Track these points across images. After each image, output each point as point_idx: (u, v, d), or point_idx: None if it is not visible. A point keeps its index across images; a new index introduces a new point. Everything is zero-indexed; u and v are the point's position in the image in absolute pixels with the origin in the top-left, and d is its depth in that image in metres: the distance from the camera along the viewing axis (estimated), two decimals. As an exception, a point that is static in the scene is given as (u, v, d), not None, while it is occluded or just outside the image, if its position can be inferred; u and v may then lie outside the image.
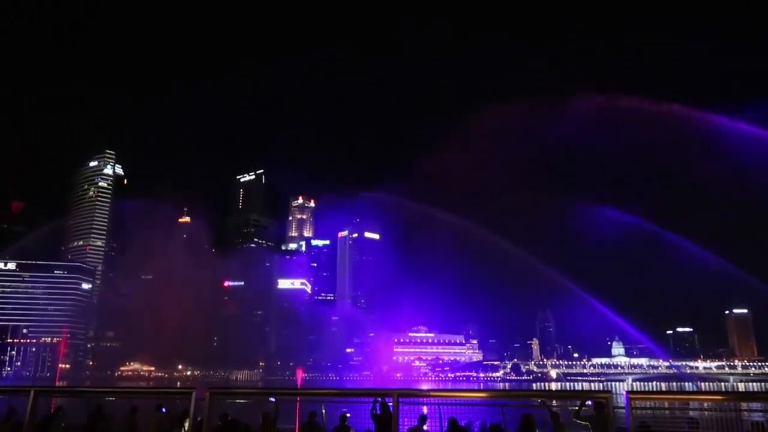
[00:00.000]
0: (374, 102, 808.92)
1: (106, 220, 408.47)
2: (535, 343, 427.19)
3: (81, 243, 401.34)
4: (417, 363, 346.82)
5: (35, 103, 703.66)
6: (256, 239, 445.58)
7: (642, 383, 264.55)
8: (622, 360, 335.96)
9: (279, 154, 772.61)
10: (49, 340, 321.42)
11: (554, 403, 16.14)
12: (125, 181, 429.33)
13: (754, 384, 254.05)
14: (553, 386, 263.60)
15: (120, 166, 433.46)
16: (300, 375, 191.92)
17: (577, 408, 14.52)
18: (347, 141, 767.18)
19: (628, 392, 9.63)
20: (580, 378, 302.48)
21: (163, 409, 18.71)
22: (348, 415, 17.19)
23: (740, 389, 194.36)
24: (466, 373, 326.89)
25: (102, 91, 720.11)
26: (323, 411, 18.00)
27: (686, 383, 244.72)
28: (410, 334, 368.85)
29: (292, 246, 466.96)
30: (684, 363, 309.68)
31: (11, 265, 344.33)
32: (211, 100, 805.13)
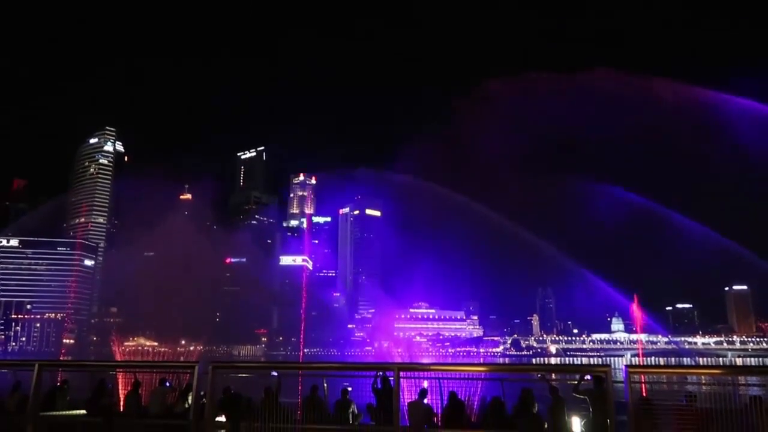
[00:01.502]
0: (377, 77, 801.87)
1: (107, 197, 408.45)
2: (535, 319, 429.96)
3: (83, 220, 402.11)
4: (418, 338, 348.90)
5: (35, 80, 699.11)
6: (257, 216, 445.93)
7: (640, 358, 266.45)
8: (622, 336, 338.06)
9: (280, 131, 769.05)
10: (53, 315, 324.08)
11: (553, 376, 16.27)
12: (126, 158, 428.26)
13: (752, 359, 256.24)
14: (553, 361, 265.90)
15: (120, 143, 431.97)
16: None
17: (576, 382, 14.63)
18: (349, 117, 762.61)
19: (627, 366, 9.71)
20: (579, 353, 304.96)
21: (167, 383, 18.91)
22: (349, 389, 17.33)
23: (738, 364, 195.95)
24: (467, 349, 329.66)
25: (102, 68, 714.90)
26: (325, 385, 18.13)
27: (685, 358, 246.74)
28: (411, 310, 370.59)
29: (294, 223, 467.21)
30: (683, 339, 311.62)
31: (14, 242, 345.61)
32: (211, 77, 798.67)
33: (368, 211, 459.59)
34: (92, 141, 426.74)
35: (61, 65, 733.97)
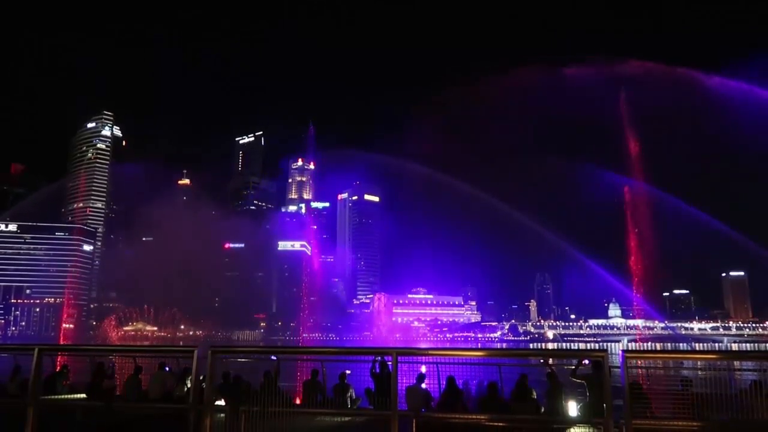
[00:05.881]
0: (374, 61, 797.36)
1: (105, 182, 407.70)
2: (532, 305, 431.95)
3: (81, 205, 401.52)
4: (416, 324, 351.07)
5: (34, 64, 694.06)
6: (256, 201, 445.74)
7: (637, 344, 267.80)
8: (619, 321, 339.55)
9: (278, 115, 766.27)
10: (52, 300, 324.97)
11: (550, 361, 16.38)
12: (124, 143, 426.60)
13: (748, 345, 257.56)
14: (550, 347, 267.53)
15: (118, 128, 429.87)
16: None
17: (573, 367, 14.73)
18: (347, 102, 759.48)
19: (624, 351, 9.76)
20: (576, 339, 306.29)
21: (167, 368, 19.01)
22: (348, 373, 17.46)
23: (734, 350, 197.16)
24: (465, 334, 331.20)
25: (100, 52, 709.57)
26: (323, 370, 18.25)
27: (681, 344, 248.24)
28: (409, 296, 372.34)
29: (292, 208, 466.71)
30: (679, 324, 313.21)
31: (12, 227, 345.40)
32: (209, 62, 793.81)
33: (367, 197, 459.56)
34: (90, 125, 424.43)
35: (58, 49, 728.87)
